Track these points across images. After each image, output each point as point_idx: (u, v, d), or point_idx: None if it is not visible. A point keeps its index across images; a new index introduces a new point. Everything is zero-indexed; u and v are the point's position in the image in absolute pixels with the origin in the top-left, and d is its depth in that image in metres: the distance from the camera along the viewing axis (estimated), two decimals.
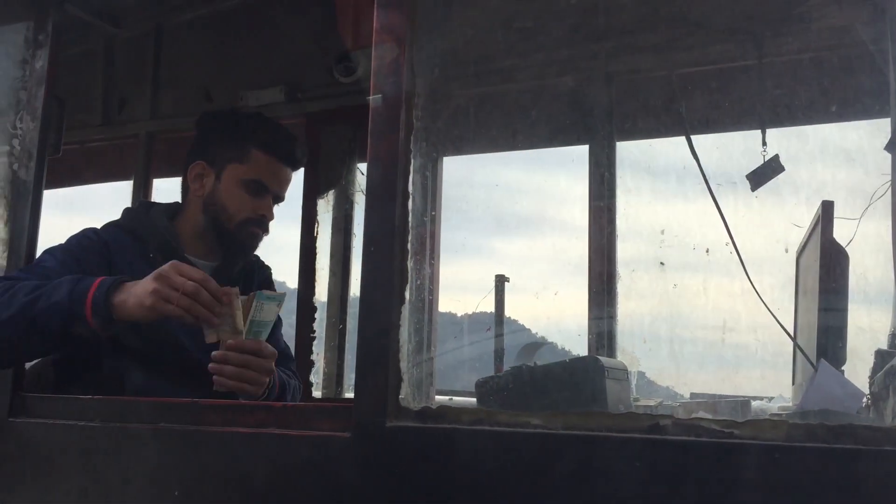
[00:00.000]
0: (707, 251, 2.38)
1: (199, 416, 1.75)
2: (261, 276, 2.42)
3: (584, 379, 1.62)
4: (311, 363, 3.22)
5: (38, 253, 2.09)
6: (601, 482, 1.38)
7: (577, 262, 2.89)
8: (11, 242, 2.07)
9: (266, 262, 2.47)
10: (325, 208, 3.33)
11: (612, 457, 1.38)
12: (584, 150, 2.87)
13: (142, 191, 3.50)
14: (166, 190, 3.67)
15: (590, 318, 2.86)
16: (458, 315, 3.35)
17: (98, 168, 3.72)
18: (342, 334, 3.27)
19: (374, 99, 1.66)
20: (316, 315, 3.27)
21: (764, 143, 2.51)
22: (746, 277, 2.13)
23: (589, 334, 2.83)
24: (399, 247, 1.61)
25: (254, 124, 2.31)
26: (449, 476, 1.50)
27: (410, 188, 1.68)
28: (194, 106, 3.45)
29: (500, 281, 3.67)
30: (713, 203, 2.28)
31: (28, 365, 2.16)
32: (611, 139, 2.80)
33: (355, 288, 3.34)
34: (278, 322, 2.39)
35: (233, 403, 1.80)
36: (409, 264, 1.65)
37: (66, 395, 1.95)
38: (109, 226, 2.22)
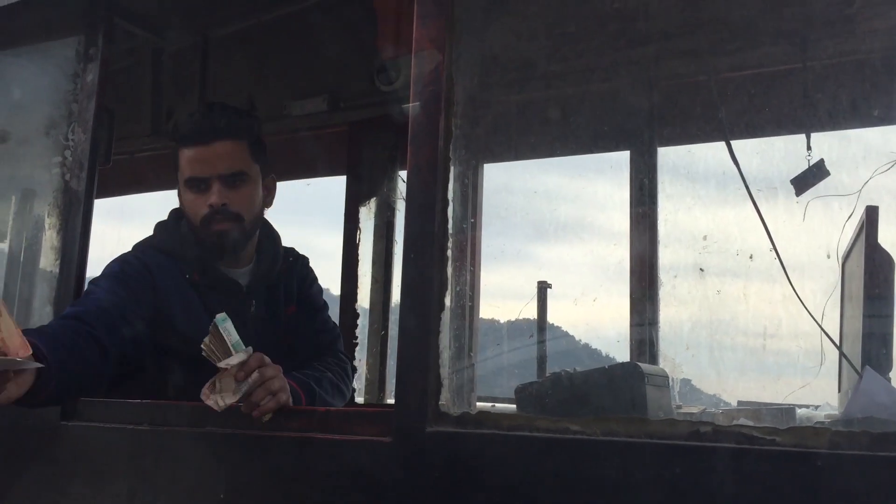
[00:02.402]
0: (751, 257, 2.36)
1: (243, 420, 1.79)
2: (300, 267, 2.40)
3: (624, 385, 1.62)
4: (354, 369, 3.24)
5: (88, 262, 2.16)
6: (641, 488, 1.38)
7: (617, 269, 2.88)
8: (64, 251, 2.13)
9: (301, 253, 2.43)
10: (367, 216, 3.36)
11: (651, 463, 1.38)
12: (624, 155, 2.86)
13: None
14: None
15: (631, 325, 2.85)
16: (500, 322, 3.35)
17: (146, 178, 3.81)
18: (384, 340, 3.30)
19: (413, 107, 1.68)
20: (358, 321, 3.31)
21: (808, 148, 2.48)
22: (789, 283, 2.10)
23: (630, 340, 2.82)
24: (438, 253, 1.63)
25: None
26: (488, 481, 1.51)
27: (450, 195, 1.70)
28: None
29: (543, 287, 3.67)
30: (755, 209, 2.25)
31: None
32: (652, 145, 2.79)
33: (397, 294, 3.36)
34: (323, 306, 2.43)
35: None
36: (449, 271, 1.67)
37: (116, 400, 2.00)
38: (145, 248, 2.19)
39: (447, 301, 1.65)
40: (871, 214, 1.75)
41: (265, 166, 2.24)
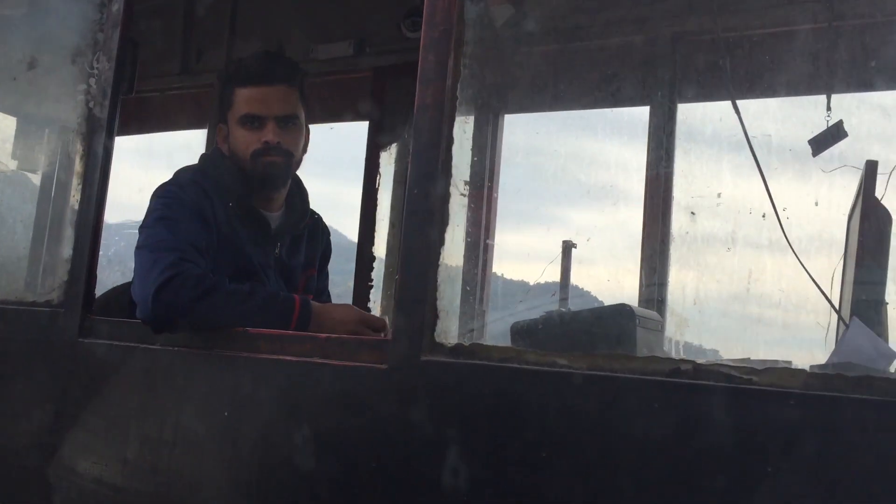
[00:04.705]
0: (763, 216, 2.36)
1: (249, 343, 1.86)
2: (322, 232, 2.55)
3: (614, 324, 1.65)
4: (368, 311, 3.31)
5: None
6: (622, 421, 1.43)
7: (631, 227, 2.90)
8: (86, 176, 2.20)
9: (329, 226, 2.59)
10: (388, 160, 3.40)
11: (633, 398, 1.42)
12: (644, 111, 2.87)
13: (215, 139, 3.63)
14: None
15: (640, 285, 2.87)
16: (515, 281, 3.37)
17: (175, 115, 3.87)
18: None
19: (423, 46, 1.71)
20: (374, 265, 3.37)
21: (828, 109, 2.47)
22: (791, 249, 2.11)
23: (639, 301, 2.84)
24: (441, 188, 1.66)
25: (232, 69, 2.39)
26: (478, 409, 1.56)
27: (463, 139, 1.74)
28: None
29: (567, 247, 3.68)
30: (766, 171, 2.25)
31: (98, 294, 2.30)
32: (672, 101, 2.79)
33: None
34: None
35: (281, 333, 1.89)
36: (459, 212, 1.71)
37: (130, 320, 2.08)
38: (197, 174, 2.29)
39: (448, 237, 1.69)
40: (871, 168, 1.75)
41: (306, 115, 2.36)
